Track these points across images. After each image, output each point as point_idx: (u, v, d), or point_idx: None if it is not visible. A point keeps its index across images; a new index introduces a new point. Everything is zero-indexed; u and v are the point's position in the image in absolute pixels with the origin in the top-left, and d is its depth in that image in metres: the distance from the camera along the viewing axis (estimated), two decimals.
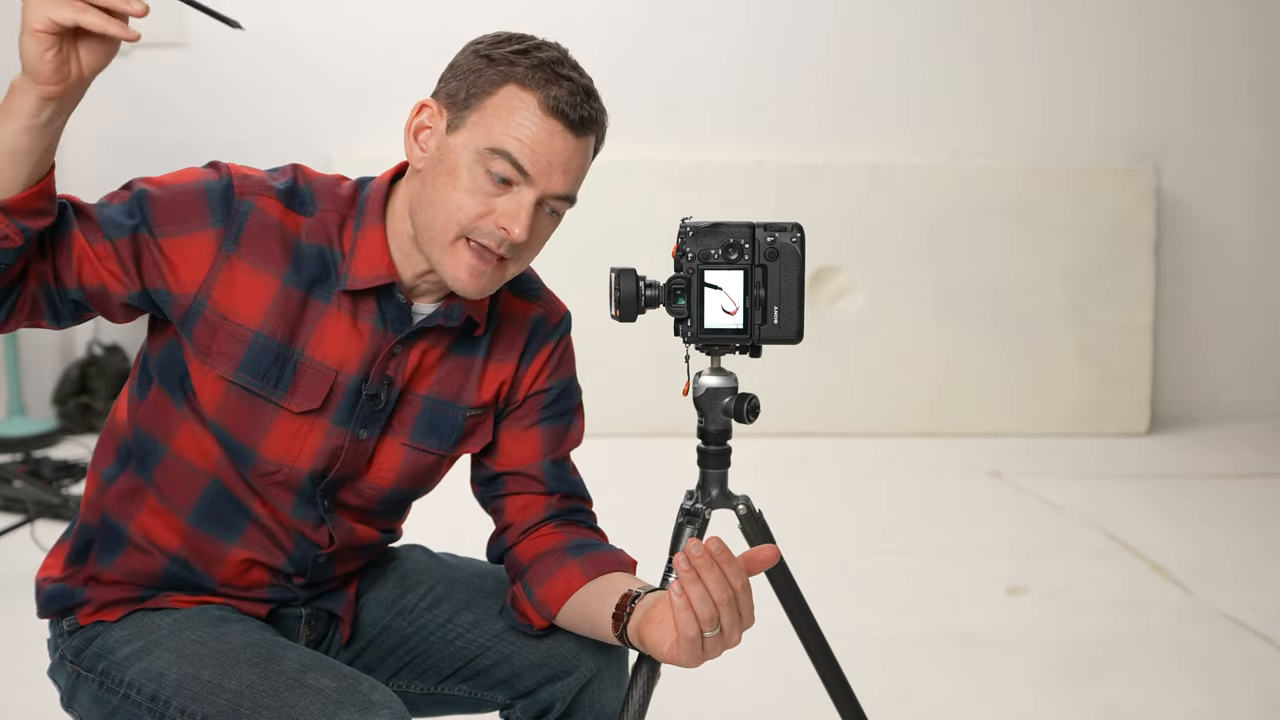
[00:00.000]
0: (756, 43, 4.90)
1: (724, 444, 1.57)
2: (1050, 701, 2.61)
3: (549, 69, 1.38)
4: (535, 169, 1.37)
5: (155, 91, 4.70)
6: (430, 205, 1.40)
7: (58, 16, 1.17)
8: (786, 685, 2.59)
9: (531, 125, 1.36)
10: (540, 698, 1.57)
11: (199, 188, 1.40)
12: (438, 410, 1.52)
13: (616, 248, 2.92)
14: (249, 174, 1.43)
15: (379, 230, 1.45)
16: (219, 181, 1.41)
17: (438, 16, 4.69)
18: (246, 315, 1.41)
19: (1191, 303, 5.14)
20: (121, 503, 1.50)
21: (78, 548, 1.53)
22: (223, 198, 1.40)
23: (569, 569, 1.50)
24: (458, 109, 1.40)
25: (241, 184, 1.41)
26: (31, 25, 1.17)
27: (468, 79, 1.40)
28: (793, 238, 1.48)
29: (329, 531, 1.53)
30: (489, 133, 1.37)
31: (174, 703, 1.40)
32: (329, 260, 1.44)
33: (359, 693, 1.34)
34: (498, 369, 1.55)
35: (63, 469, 4.00)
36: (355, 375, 1.46)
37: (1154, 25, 5.00)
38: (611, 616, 1.41)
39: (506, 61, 1.38)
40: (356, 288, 1.44)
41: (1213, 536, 3.70)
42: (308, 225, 1.43)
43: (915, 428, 4.84)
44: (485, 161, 1.37)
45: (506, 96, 1.37)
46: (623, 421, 4.59)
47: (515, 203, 1.38)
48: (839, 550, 3.49)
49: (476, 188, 1.37)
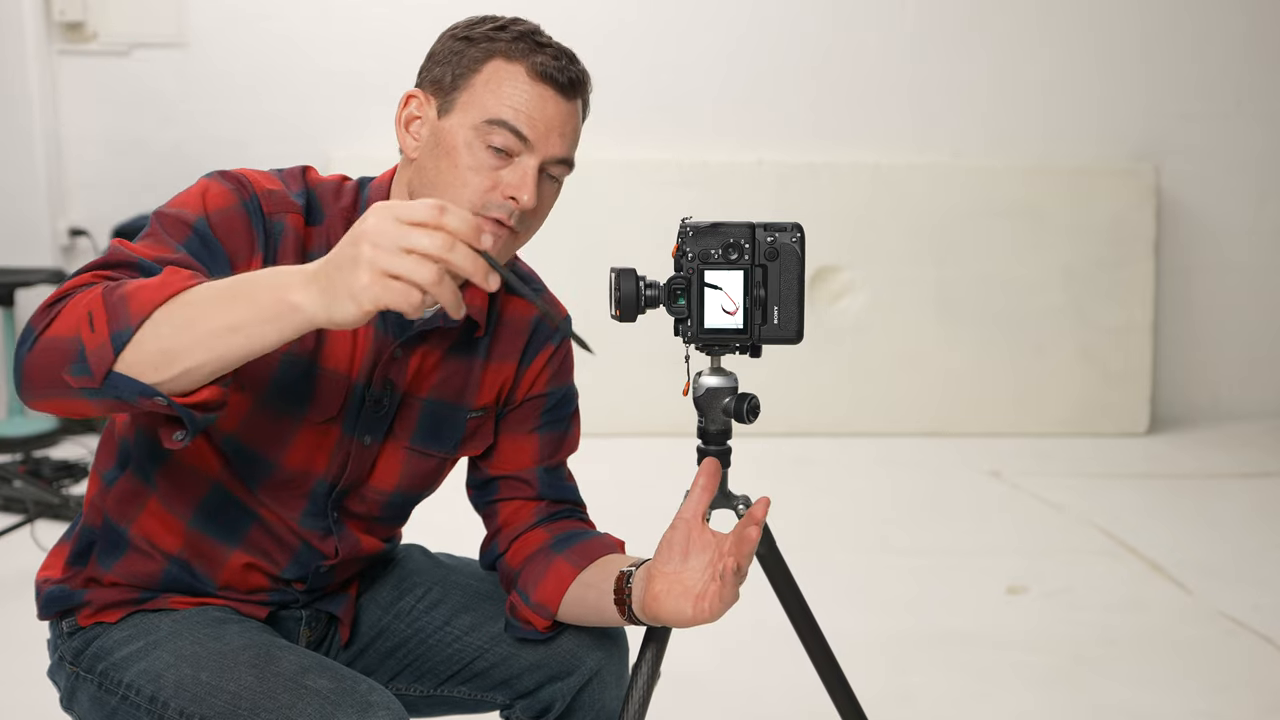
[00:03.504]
0: (757, 43, 4.90)
1: (724, 444, 1.57)
2: (1050, 701, 2.61)
3: (529, 39, 1.40)
4: (534, 134, 1.38)
5: (155, 91, 4.70)
6: (433, 188, 1.40)
7: (421, 278, 1.05)
8: (786, 685, 2.59)
9: (523, 92, 1.38)
10: (540, 698, 1.57)
11: (239, 210, 1.36)
12: (439, 413, 1.52)
13: (616, 248, 2.92)
14: (270, 188, 1.40)
15: None
16: (251, 201, 1.37)
17: (437, 16, 4.68)
18: None
19: (1191, 303, 5.14)
20: (122, 505, 1.50)
21: (78, 549, 1.53)
22: (258, 217, 1.37)
23: (557, 565, 1.50)
24: (445, 93, 1.41)
25: (268, 201, 1.39)
26: (384, 298, 1.05)
27: (450, 62, 1.41)
28: (793, 238, 1.48)
29: (335, 544, 1.53)
30: (483, 107, 1.38)
31: (172, 704, 1.40)
32: None
33: (357, 694, 1.34)
34: (498, 370, 1.54)
35: (63, 469, 3.99)
36: (358, 381, 1.46)
37: (1154, 26, 5.00)
38: (614, 602, 1.42)
39: (486, 39, 1.40)
40: None
41: (1213, 536, 3.70)
42: (315, 234, 1.43)
43: (915, 428, 4.84)
44: (484, 136, 1.38)
45: (494, 71, 1.39)
46: (623, 421, 4.59)
47: (520, 171, 1.39)
48: (839, 550, 3.49)
49: (479, 164, 1.38)
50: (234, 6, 4.71)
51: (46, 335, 1.16)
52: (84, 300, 1.15)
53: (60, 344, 1.14)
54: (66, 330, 1.14)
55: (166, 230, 1.33)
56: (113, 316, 1.12)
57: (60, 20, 4.59)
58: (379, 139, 4.76)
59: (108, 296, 1.14)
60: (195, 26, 4.69)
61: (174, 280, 1.15)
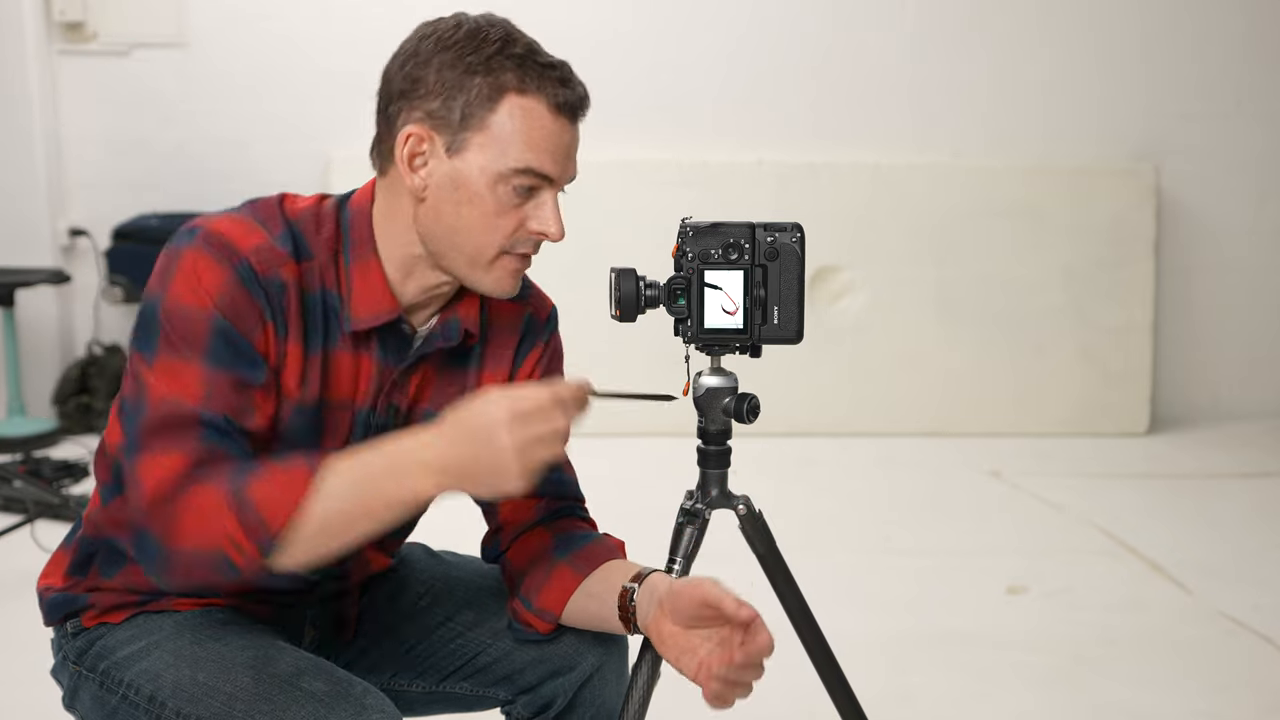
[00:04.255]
0: (757, 43, 4.90)
1: (724, 444, 1.57)
2: (1050, 701, 2.61)
3: (533, 63, 1.35)
4: (556, 169, 1.37)
5: (155, 91, 4.70)
6: (455, 232, 1.37)
7: (557, 451, 1.25)
8: (786, 685, 2.58)
9: (547, 131, 1.35)
10: (542, 693, 1.58)
11: (236, 284, 1.32)
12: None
13: (616, 248, 2.91)
14: (256, 244, 1.35)
15: (374, 265, 1.41)
16: (242, 266, 1.33)
17: (437, 16, 4.68)
18: (288, 388, 1.39)
19: (1191, 303, 5.14)
20: (122, 525, 1.48)
21: (78, 560, 1.53)
22: (255, 284, 1.33)
23: (560, 572, 1.51)
24: (453, 130, 1.35)
25: (259, 261, 1.34)
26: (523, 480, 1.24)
27: (450, 94, 1.35)
28: (793, 238, 1.48)
29: (348, 565, 1.54)
30: (505, 152, 1.34)
31: (170, 704, 1.40)
32: (329, 304, 1.40)
33: (352, 696, 1.35)
34: (493, 373, 1.54)
35: (63, 469, 4.00)
36: (363, 408, 1.46)
37: (1154, 26, 5.00)
38: (619, 619, 1.44)
39: (487, 69, 1.34)
40: (360, 328, 1.41)
41: (1213, 536, 3.70)
42: (306, 271, 1.39)
43: (915, 428, 4.84)
44: (509, 180, 1.35)
45: (512, 110, 1.34)
46: (623, 421, 4.58)
47: (546, 208, 1.38)
48: (839, 550, 3.49)
49: (503, 207, 1.36)
50: (234, 6, 4.71)
51: (182, 549, 1.26)
52: (208, 511, 1.24)
53: (204, 558, 1.26)
54: (205, 545, 1.25)
55: (184, 340, 1.31)
56: (251, 534, 1.24)
57: (60, 20, 4.59)
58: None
59: (240, 513, 1.24)
60: (195, 26, 4.69)
61: (295, 483, 1.25)
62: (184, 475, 1.27)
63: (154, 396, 1.30)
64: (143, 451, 1.28)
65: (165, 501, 1.26)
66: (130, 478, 1.30)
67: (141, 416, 1.30)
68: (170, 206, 4.65)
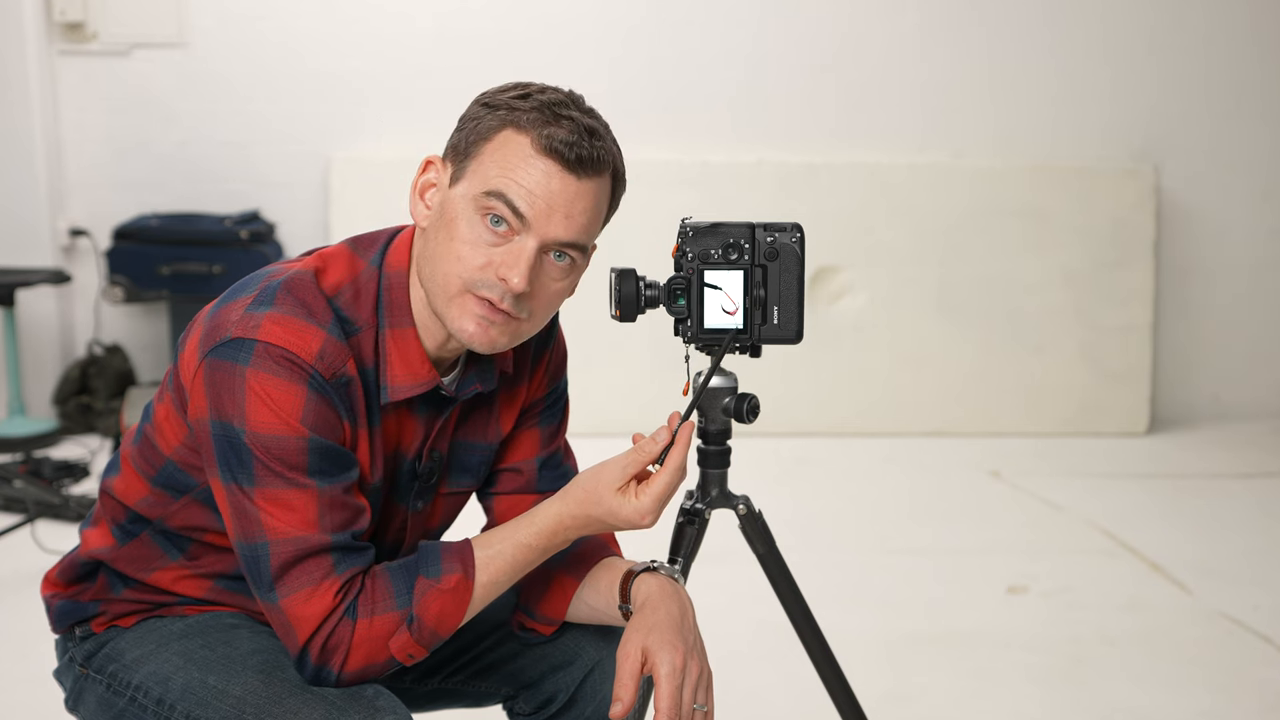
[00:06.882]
0: (758, 43, 4.90)
1: (724, 444, 1.57)
2: (1050, 701, 2.61)
3: (549, 110, 1.32)
4: (532, 212, 1.31)
5: (155, 91, 4.70)
6: (431, 260, 1.36)
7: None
8: (786, 685, 2.59)
9: (526, 166, 1.31)
10: (543, 688, 1.59)
11: (315, 399, 1.31)
12: (468, 454, 1.53)
13: (616, 248, 2.91)
14: (315, 348, 1.32)
15: (411, 334, 1.40)
16: (315, 379, 1.31)
17: (438, 16, 4.69)
18: (364, 469, 1.41)
19: (1191, 303, 5.13)
20: (136, 563, 1.50)
21: (81, 574, 1.53)
22: (326, 390, 1.32)
23: (559, 580, 1.53)
24: (459, 160, 1.35)
25: (324, 367, 1.32)
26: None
27: (468, 128, 1.35)
28: (793, 238, 1.48)
29: None
30: (484, 177, 1.32)
31: (179, 707, 1.41)
32: (369, 378, 1.39)
33: (363, 699, 1.35)
34: (511, 396, 1.55)
35: (63, 469, 3.99)
36: (410, 459, 1.46)
37: (1155, 26, 4.99)
38: (622, 616, 1.48)
39: (506, 107, 1.34)
40: (399, 398, 1.40)
41: (1213, 536, 3.70)
42: (359, 346, 1.38)
43: (915, 428, 4.84)
44: (482, 207, 1.32)
45: (503, 140, 1.33)
46: (623, 421, 4.58)
47: (515, 251, 1.32)
48: (839, 550, 3.49)
49: (475, 238, 1.33)
50: (234, 7, 4.71)
51: (352, 673, 1.35)
52: (378, 639, 1.34)
53: (374, 670, 1.36)
54: (376, 660, 1.35)
55: (286, 467, 1.31)
56: (425, 644, 1.37)
57: (60, 20, 4.59)
58: (379, 140, 4.77)
59: (415, 634, 1.35)
60: (195, 27, 4.69)
61: (460, 596, 1.37)
62: (336, 611, 1.32)
63: (274, 533, 1.31)
64: (284, 593, 1.32)
65: (327, 641, 1.32)
66: (276, 619, 1.33)
67: (267, 556, 1.31)
68: (170, 206, 4.65)
